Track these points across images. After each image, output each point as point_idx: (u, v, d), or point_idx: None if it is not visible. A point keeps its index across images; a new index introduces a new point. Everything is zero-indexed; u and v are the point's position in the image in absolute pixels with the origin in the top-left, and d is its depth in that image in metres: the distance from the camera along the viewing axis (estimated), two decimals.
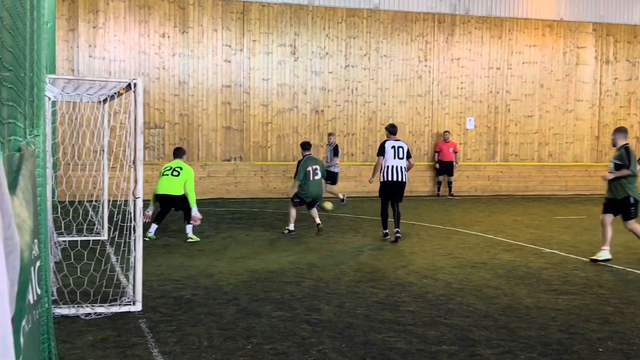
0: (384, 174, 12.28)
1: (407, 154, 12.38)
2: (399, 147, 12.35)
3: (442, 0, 21.75)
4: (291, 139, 20.51)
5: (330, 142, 18.34)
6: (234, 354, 5.83)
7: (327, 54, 20.80)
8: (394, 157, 12.26)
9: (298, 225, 14.24)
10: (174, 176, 12.01)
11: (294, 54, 20.50)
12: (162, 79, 19.43)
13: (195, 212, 11.86)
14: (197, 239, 11.82)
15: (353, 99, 21.11)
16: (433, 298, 8.04)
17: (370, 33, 21.16)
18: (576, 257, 10.99)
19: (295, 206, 13.05)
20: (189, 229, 11.94)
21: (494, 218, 16.09)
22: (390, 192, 12.28)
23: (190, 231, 11.93)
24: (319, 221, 13.12)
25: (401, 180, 12.27)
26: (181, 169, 12.12)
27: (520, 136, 22.79)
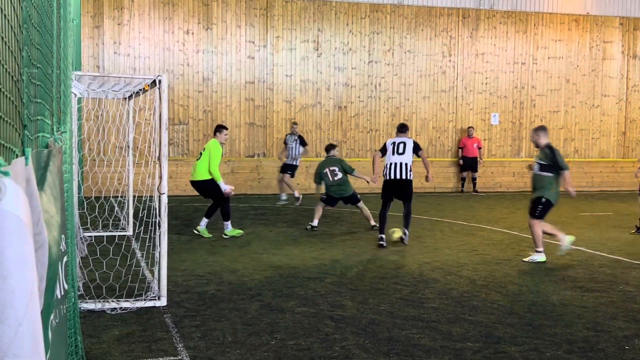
0: (384, 172, 11.35)
1: (414, 148, 11.24)
2: (400, 142, 11.27)
3: None
4: (314, 134, 20.52)
5: (294, 131, 17.45)
6: (258, 349, 5.86)
7: (351, 49, 20.77)
8: (392, 154, 11.22)
9: (322, 221, 14.26)
10: (197, 160, 11.82)
11: (317, 49, 20.50)
12: (186, 75, 19.53)
13: (224, 187, 11.45)
14: (238, 232, 11.65)
15: (376, 95, 21.06)
16: (457, 295, 8.00)
17: (393, 28, 21.09)
18: (602, 254, 10.88)
19: (321, 202, 13.09)
20: (227, 226, 11.64)
21: (519, 215, 15.97)
22: (390, 191, 11.28)
23: (229, 227, 11.65)
24: (372, 222, 13.04)
25: (400, 178, 11.14)
26: (204, 149, 11.76)
27: None
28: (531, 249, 11.28)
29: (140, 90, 8.90)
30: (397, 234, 11.53)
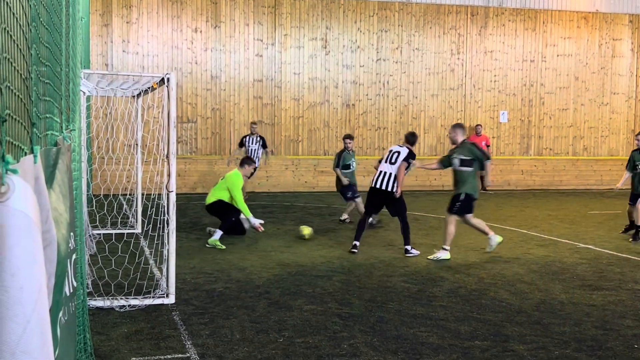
0: (373, 178, 10.68)
1: (407, 156, 10.41)
2: (395, 151, 10.54)
3: None
4: (322, 133, 20.52)
5: (254, 132, 16.83)
6: (266, 347, 5.86)
7: (359, 47, 20.76)
8: (385, 161, 10.57)
9: (328, 219, 14.27)
10: (213, 187, 11.71)
11: (325, 47, 20.49)
12: (195, 73, 19.56)
13: (254, 221, 11.01)
14: (220, 246, 10.71)
15: (384, 93, 21.04)
16: (465, 293, 7.99)
17: (402, 26, 21.06)
18: (611, 252, 10.84)
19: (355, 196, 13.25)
20: (217, 233, 11.05)
21: (527, 213, 15.93)
22: (371, 200, 10.56)
23: (217, 236, 10.92)
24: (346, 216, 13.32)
25: (381, 187, 10.38)
26: (223, 177, 11.62)
27: (554, 130, 22.52)
28: (539, 246, 11.24)
29: (149, 88, 8.92)
30: (305, 230, 11.51)
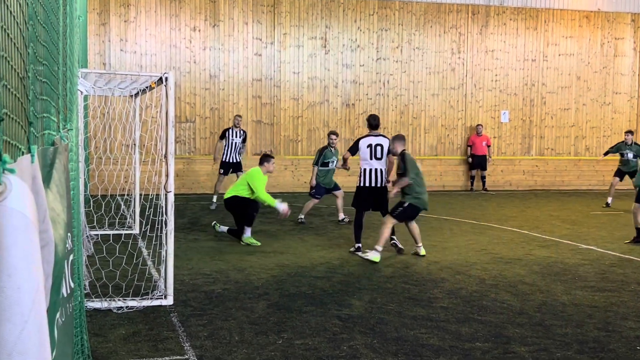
0: (361, 177, 10.51)
1: (388, 151, 10.43)
2: (377, 144, 10.42)
3: None
4: (322, 132, 20.51)
5: (238, 124, 16.22)
6: (265, 348, 5.86)
7: (359, 46, 20.76)
8: (371, 157, 10.41)
9: (327, 219, 14.28)
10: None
11: (324, 46, 20.49)
12: (193, 72, 19.56)
13: (280, 206, 11.03)
14: (255, 243, 11.10)
15: (385, 92, 21.05)
16: (466, 294, 7.99)
17: (402, 25, 21.06)
18: (613, 253, 10.84)
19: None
20: (246, 231, 11.25)
21: (529, 213, 15.93)
22: (367, 199, 10.49)
23: (248, 233, 11.23)
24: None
25: (377, 185, 10.44)
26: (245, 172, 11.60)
27: (556, 129, 22.53)
28: (541, 247, 11.24)
29: (147, 87, 8.92)
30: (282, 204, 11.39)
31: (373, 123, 10.67)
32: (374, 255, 9.85)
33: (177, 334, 6.25)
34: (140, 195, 11.84)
